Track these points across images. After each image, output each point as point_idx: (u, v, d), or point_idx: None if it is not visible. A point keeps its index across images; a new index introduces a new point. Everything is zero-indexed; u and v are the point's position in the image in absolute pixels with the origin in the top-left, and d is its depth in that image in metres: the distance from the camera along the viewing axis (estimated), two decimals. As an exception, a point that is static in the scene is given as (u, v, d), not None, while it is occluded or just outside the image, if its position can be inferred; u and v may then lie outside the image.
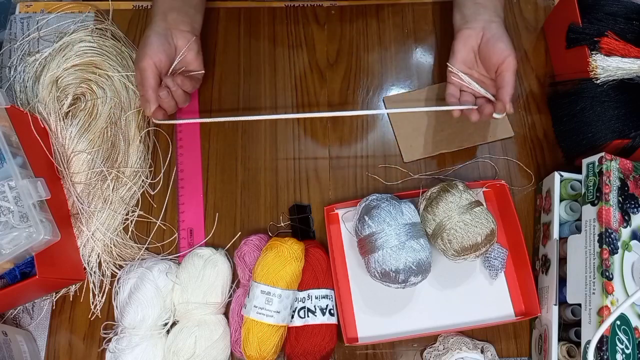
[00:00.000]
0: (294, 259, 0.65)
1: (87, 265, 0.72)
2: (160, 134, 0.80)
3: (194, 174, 0.78)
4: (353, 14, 0.88)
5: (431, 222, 0.67)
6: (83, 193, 0.73)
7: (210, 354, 0.65)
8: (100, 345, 0.70)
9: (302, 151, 0.79)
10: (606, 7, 0.74)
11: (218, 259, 0.70)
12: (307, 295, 0.67)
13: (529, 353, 0.70)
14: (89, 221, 0.72)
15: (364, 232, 0.66)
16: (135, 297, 0.66)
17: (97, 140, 0.76)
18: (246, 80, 0.83)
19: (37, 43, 0.83)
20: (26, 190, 0.62)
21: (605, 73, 0.70)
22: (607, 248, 0.61)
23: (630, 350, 0.59)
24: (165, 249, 0.74)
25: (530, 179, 0.78)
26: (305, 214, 0.75)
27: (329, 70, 0.84)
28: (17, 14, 0.86)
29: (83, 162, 0.74)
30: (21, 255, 0.61)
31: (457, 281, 0.72)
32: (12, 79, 0.80)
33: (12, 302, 0.69)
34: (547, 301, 0.67)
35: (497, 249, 0.71)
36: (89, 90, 0.79)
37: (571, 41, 0.75)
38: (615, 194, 0.63)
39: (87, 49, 0.80)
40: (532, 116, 0.81)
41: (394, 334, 0.70)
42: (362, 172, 0.78)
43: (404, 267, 0.63)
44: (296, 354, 0.65)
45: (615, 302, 0.59)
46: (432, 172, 0.78)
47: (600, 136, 0.70)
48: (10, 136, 0.65)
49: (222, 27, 0.86)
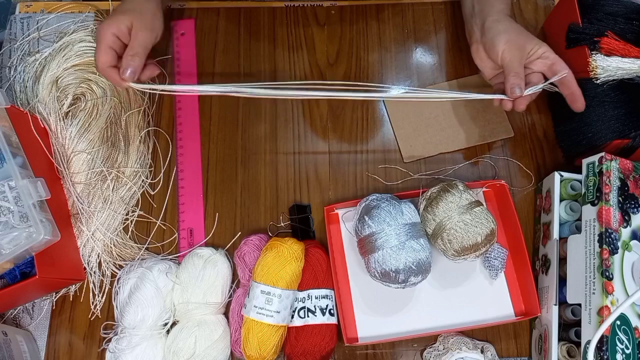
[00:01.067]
0: (294, 259, 0.65)
1: (87, 265, 0.72)
2: (161, 134, 0.80)
3: (194, 174, 0.78)
4: (353, 14, 0.88)
5: (431, 222, 0.67)
6: (83, 193, 0.73)
7: (210, 354, 0.65)
8: (100, 345, 0.70)
9: (302, 151, 0.79)
10: (606, 7, 0.74)
11: (218, 259, 0.70)
12: (307, 295, 0.67)
13: (529, 353, 0.70)
14: (89, 221, 0.72)
15: (364, 232, 0.66)
16: (135, 297, 0.66)
17: (97, 140, 0.76)
18: (246, 80, 0.83)
19: (37, 43, 0.83)
20: (26, 190, 0.62)
21: (605, 73, 0.70)
22: (607, 248, 0.61)
23: (630, 350, 0.59)
24: (165, 249, 0.74)
25: (530, 179, 0.78)
26: (305, 214, 0.75)
27: (329, 71, 0.84)
28: (17, 14, 0.86)
29: (83, 162, 0.74)
30: (21, 255, 0.61)
31: (457, 281, 0.72)
32: (12, 79, 0.80)
33: (12, 302, 0.69)
34: (547, 301, 0.67)
35: (497, 249, 0.71)
36: (89, 90, 0.79)
37: (571, 41, 0.75)
38: (615, 194, 0.63)
39: (87, 49, 0.80)
40: (532, 116, 0.81)
41: (394, 334, 0.70)
42: (362, 172, 0.78)
43: (404, 267, 0.63)
44: (296, 354, 0.65)
45: (615, 302, 0.59)
46: (432, 172, 0.78)
47: (600, 136, 0.70)
48: (10, 136, 0.65)
49: (222, 27, 0.86)
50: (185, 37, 0.85)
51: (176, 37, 0.85)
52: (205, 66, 0.84)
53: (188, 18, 0.87)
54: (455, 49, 0.85)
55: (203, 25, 0.86)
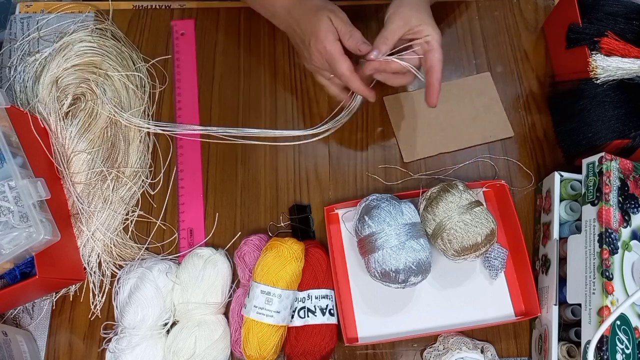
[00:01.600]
0: (294, 259, 0.65)
1: (87, 265, 0.72)
2: (160, 133, 0.80)
3: (194, 174, 0.78)
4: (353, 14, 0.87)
5: (431, 222, 0.67)
6: (83, 193, 0.73)
7: (210, 354, 0.65)
8: (100, 345, 0.70)
9: (302, 151, 0.79)
10: (606, 7, 0.74)
11: (218, 259, 0.70)
12: (307, 295, 0.67)
13: (529, 353, 0.70)
14: (89, 221, 0.72)
15: (364, 232, 0.66)
16: (135, 297, 0.66)
17: (97, 140, 0.76)
18: (246, 80, 0.83)
19: (37, 43, 0.83)
20: (26, 190, 0.62)
21: (605, 73, 0.70)
22: (607, 248, 0.61)
23: (630, 350, 0.59)
24: (165, 249, 0.74)
25: (530, 179, 0.78)
26: (305, 214, 0.75)
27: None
28: (17, 14, 0.86)
29: (83, 162, 0.74)
30: (21, 255, 0.61)
31: (457, 281, 0.72)
32: (12, 79, 0.80)
33: (12, 302, 0.69)
34: (547, 301, 0.67)
35: (497, 249, 0.71)
36: (89, 90, 0.79)
37: (571, 41, 0.75)
38: (615, 194, 0.63)
39: (87, 49, 0.80)
40: (532, 116, 0.81)
41: (394, 334, 0.70)
42: (362, 172, 0.78)
43: (404, 267, 0.63)
44: (296, 354, 0.65)
45: (615, 302, 0.59)
46: (432, 172, 0.78)
47: (600, 136, 0.70)
48: (10, 136, 0.65)
49: (222, 27, 0.86)
50: (185, 37, 0.85)
51: (176, 37, 0.85)
52: (205, 66, 0.84)
53: (188, 18, 0.87)
54: (455, 49, 0.85)
55: (203, 25, 0.86)
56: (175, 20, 0.86)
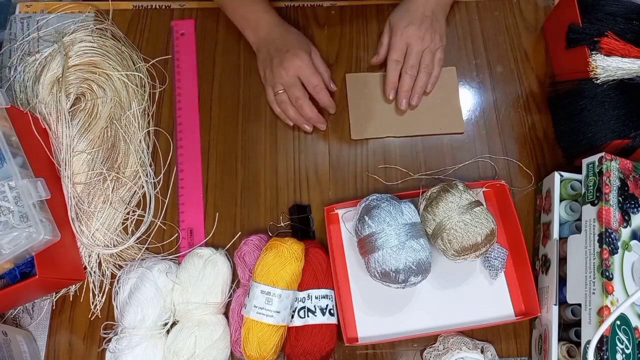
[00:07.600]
0: (294, 259, 0.65)
1: (87, 265, 0.72)
2: (161, 133, 0.80)
3: (194, 174, 0.78)
4: (353, 14, 0.88)
5: (431, 222, 0.67)
6: (83, 193, 0.73)
7: (210, 354, 0.65)
8: (100, 345, 0.70)
9: (302, 151, 0.79)
10: (606, 7, 0.74)
11: (218, 259, 0.70)
12: (307, 295, 0.67)
13: (529, 353, 0.70)
14: (89, 221, 0.72)
15: (364, 232, 0.66)
16: (135, 297, 0.66)
17: (97, 140, 0.76)
18: (246, 80, 0.83)
19: (37, 43, 0.83)
20: (26, 190, 0.62)
21: (605, 73, 0.70)
22: (607, 248, 0.61)
23: (630, 350, 0.59)
24: (166, 249, 0.74)
25: (530, 179, 0.78)
26: (305, 214, 0.75)
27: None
28: (17, 14, 0.86)
29: (83, 162, 0.74)
30: (21, 255, 0.61)
31: (457, 281, 0.72)
32: (12, 79, 0.80)
33: (12, 302, 0.69)
34: (547, 301, 0.67)
35: (497, 249, 0.71)
36: (89, 90, 0.79)
37: (571, 41, 0.75)
38: (615, 194, 0.63)
39: (87, 49, 0.80)
40: (532, 116, 0.81)
41: (394, 334, 0.70)
42: (362, 172, 0.78)
43: (404, 267, 0.63)
44: (296, 354, 0.65)
45: (615, 302, 0.59)
46: (432, 172, 0.78)
47: (600, 136, 0.70)
48: (10, 136, 0.65)
49: (222, 27, 0.86)
50: (185, 37, 0.85)
51: (176, 37, 0.85)
52: (205, 66, 0.84)
53: (188, 18, 0.87)
54: (455, 49, 0.85)
55: (203, 25, 0.86)
56: (175, 20, 0.86)
